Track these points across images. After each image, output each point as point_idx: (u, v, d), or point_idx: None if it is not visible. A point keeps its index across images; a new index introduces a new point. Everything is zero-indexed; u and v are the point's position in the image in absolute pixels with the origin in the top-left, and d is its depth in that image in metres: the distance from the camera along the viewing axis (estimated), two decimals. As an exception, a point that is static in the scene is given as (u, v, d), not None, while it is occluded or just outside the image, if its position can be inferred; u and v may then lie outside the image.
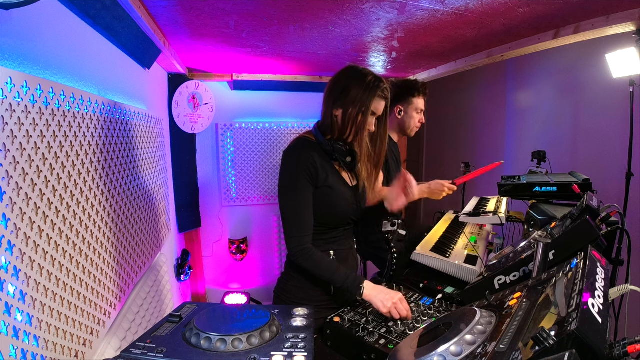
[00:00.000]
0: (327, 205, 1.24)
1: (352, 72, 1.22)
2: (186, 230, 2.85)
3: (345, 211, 1.28)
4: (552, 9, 1.48)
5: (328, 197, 1.23)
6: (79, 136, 1.03)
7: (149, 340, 0.80)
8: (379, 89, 1.19)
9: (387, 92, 1.22)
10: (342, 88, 1.20)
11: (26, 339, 0.75)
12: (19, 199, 0.75)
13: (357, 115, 1.19)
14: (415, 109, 2.00)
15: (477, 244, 1.75)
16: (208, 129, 2.90)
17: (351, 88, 1.19)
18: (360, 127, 1.21)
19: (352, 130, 1.21)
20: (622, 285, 0.70)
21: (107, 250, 1.20)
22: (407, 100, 1.98)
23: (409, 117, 2.01)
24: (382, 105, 1.23)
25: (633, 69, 1.66)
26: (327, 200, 1.23)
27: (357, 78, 1.20)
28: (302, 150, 1.23)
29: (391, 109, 2.01)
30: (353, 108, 1.19)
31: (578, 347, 0.47)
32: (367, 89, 1.18)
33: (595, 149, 2.30)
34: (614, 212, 1.05)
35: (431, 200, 1.74)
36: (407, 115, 2.00)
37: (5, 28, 0.77)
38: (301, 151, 1.23)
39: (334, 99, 1.22)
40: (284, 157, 1.25)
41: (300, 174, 1.19)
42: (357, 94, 1.18)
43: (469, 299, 1.09)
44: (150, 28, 1.49)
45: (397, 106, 1.98)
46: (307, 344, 0.79)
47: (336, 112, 1.22)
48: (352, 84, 1.19)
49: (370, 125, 1.23)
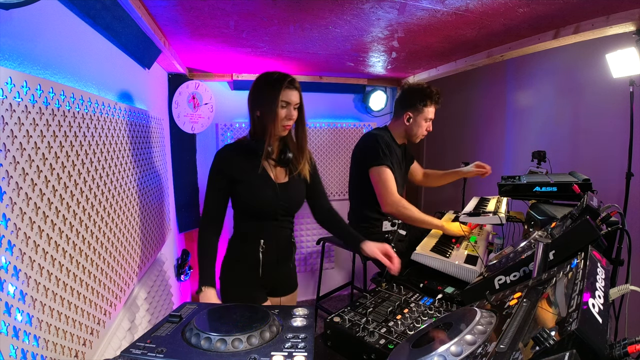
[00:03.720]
0: (245, 197, 1.42)
1: (261, 77, 1.41)
2: (186, 230, 2.85)
3: (263, 204, 1.42)
4: (552, 9, 1.48)
5: (245, 190, 1.41)
6: (79, 136, 1.03)
7: (149, 340, 0.80)
8: (285, 81, 1.34)
9: (295, 83, 1.37)
10: (256, 92, 1.40)
11: (26, 339, 0.75)
12: (19, 199, 0.75)
13: (270, 110, 1.34)
14: (424, 117, 1.99)
15: (477, 244, 1.75)
16: (208, 129, 2.89)
17: (261, 89, 1.38)
18: (275, 118, 1.35)
19: (272, 124, 1.35)
20: (623, 285, 0.70)
21: (107, 250, 1.20)
22: (417, 108, 1.97)
23: (417, 125, 2.00)
24: (293, 94, 1.37)
25: (633, 69, 1.66)
26: (244, 193, 1.42)
27: (264, 79, 1.39)
28: (221, 151, 1.45)
29: (400, 114, 2.02)
30: (266, 104, 1.36)
31: (578, 347, 0.47)
32: (273, 84, 1.35)
33: (595, 149, 2.30)
34: (614, 212, 1.05)
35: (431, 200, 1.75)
36: (415, 123, 2.00)
37: (5, 28, 0.77)
38: (219, 152, 1.44)
39: (251, 104, 1.42)
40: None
41: (212, 170, 1.43)
42: (267, 91, 1.36)
43: (469, 299, 1.09)
44: (150, 28, 1.49)
45: (407, 113, 1.98)
46: (307, 344, 0.79)
47: (257, 114, 1.40)
48: (261, 87, 1.39)
49: (290, 115, 1.37)
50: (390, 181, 1.91)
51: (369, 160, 1.95)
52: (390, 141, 2.01)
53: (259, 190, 1.42)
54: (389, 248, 1.40)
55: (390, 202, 1.88)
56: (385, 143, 1.95)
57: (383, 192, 1.91)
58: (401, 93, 2.04)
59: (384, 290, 1.35)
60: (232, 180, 1.41)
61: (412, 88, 1.99)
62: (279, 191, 1.44)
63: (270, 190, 1.43)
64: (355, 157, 2.10)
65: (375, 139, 1.97)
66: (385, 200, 1.91)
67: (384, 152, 1.92)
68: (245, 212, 1.47)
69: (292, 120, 1.39)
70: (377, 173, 1.92)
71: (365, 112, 3.52)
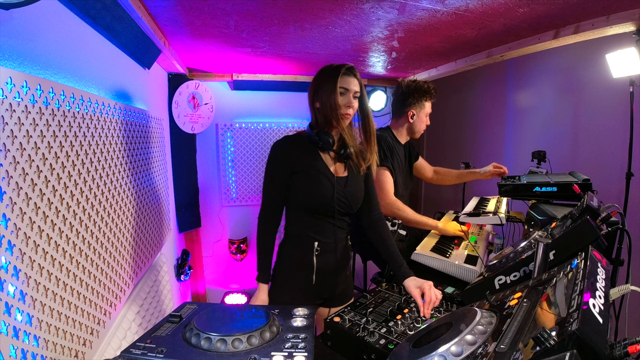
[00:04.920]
0: (303, 190, 1.33)
1: (321, 69, 1.35)
2: (186, 230, 2.85)
3: (322, 197, 1.33)
4: (552, 9, 1.48)
5: (305, 182, 1.33)
6: (79, 136, 1.03)
7: (149, 340, 0.80)
8: (343, 68, 1.30)
9: (354, 70, 1.32)
10: (316, 84, 1.34)
11: (26, 339, 0.75)
12: (19, 199, 0.75)
13: (329, 98, 1.29)
14: (426, 112, 2.03)
15: (477, 244, 1.75)
16: (208, 129, 2.90)
17: (321, 79, 1.32)
18: (334, 107, 1.29)
19: (332, 114, 1.30)
20: (623, 286, 0.70)
21: (107, 250, 1.20)
22: (419, 104, 1.99)
23: (420, 121, 2.03)
24: (352, 81, 1.31)
25: (633, 69, 1.66)
26: (304, 185, 1.33)
27: (323, 70, 1.34)
28: (279, 142, 1.37)
29: (403, 113, 2.03)
30: (324, 93, 1.30)
31: (579, 348, 0.47)
32: (331, 73, 1.30)
33: (595, 149, 2.29)
34: (614, 212, 1.05)
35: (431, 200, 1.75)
36: (418, 119, 2.03)
37: (5, 28, 0.77)
38: (277, 143, 1.36)
39: (312, 96, 1.36)
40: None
41: (270, 161, 1.36)
42: (325, 81, 1.31)
43: (469, 299, 1.09)
44: (150, 28, 1.49)
45: (410, 110, 1.99)
46: (307, 344, 0.79)
47: (317, 105, 1.34)
48: (321, 77, 1.33)
49: (349, 103, 1.31)
50: (388, 183, 1.91)
51: None
52: (393, 142, 2.01)
53: (318, 183, 1.32)
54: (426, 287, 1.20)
55: (384, 203, 1.89)
56: (387, 144, 1.95)
57: (379, 193, 1.91)
58: (400, 92, 2.05)
59: (384, 290, 1.35)
60: (290, 171, 1.33)
61: (410, 86, 2.00)
62: (339, 186, 1.35)
63: (330, 183, 1.33)
64: None
65: (377, 140, 1.97)
66: (380, 202, 1.91)
67: (385, 153, 1.92)
68: (301, 208, 1.36)
69: (352, 108, 1.32)
70: (375, 174, 1.92)
71: (365, 112, 3.52)
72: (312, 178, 1.32)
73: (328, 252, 1.38)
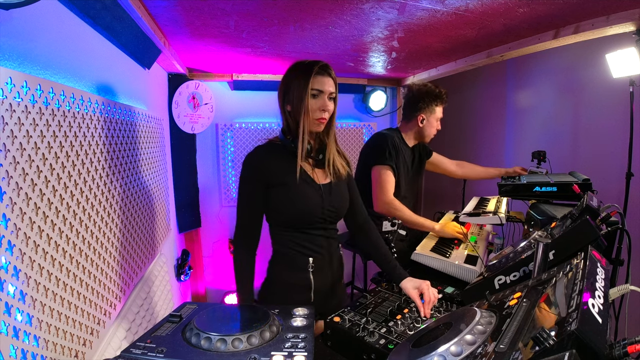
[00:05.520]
0: (285, 203, 1.21)
1: (290, 67, 1.22)
2: (186, 230, 2.85)
3: (308, 209, 1.22)
4: (552, 9, 1.48)
5: (284, 195, 1.21)
6: (79, 136, 1.03)
7: (149, 340, 0.80)
8: (315, 67, 1.16)
9: (328, 69, 1.19)
10: (285, 84, 1.21)
11: (26, 339, 0.75)
12: (19, 199, 0.75)
13: (301, 101, 1.16)
14: (436, 117, 2.03)
15: (477, 244, 1.75)
16: (208, 129, 2.90)
17: (291, 79, 1.20)
18: (307, 112, 1.16)
19: (304, 118, 1.17)
20: (622, 285, 0.70)
21: (107, 250, 1.20)
22: (430, 109, 1.99)
23: (430, 126, 2.03)
24: (326, 81, 1.18)
25: (633, 69, 1.66)
26: (284, 199, 1.21)
27: (294, 68, 1.21)
28: (251, 153, 1.25)
29: (413, 117, 2.02)
30: (295, 96, 1.17)
31: (578, 348, 0.47)
32: (302, 72, 1.17)
33: (595, 149, 2.30)
34: (614, 212, 1.05)
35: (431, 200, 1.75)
36: (428, 124, 2.02)
37: (5, 28, 0.77)
38: (249, 155, 1.25)
39: (282, 98, 1.23)
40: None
41: (243, 177, 1.23)
42: (296, 81, 1.18)
43: (469, 299, 1.09)
44: (150, 28, 1.49)
45: (420, 115, 1.99)
46: (307, 344, 0.80)
47: (287, 109, 1.22)
48: (291, 76, 1.20)
49: (324, 106, 1.18)
50: (388, 182, 1.91)
51: (374, 158, 1.96)
52: (400, 143, 2.01)
53: (303, 194, 1.21)
54: (424, 287, 1.18)
55: (382, 202, 1.89)
56: (393, 144, 1.95)
57: (378, 191, 1.92)
58: (411, 96, 2.04)
59: (384, 290, 1.35)
60: (267, 185, 1.21)
61: (421, 90, 2.00)
62: (324, 194, 1.25)
63: (315, 193, 1.23)
64: (363, 154, 2.11)
65: (385, 138, 1.97)
66: (378, 200, 1.91)
67: (390, 153, 1.92)
68: (286, 223, 1.25)
69: (327, 112, 1.19)
70: (377, 172, 1.92)
71: (365, 112, 3.52)
72: (295, 190, 1.20)
73: (324, 267, 1.29)
